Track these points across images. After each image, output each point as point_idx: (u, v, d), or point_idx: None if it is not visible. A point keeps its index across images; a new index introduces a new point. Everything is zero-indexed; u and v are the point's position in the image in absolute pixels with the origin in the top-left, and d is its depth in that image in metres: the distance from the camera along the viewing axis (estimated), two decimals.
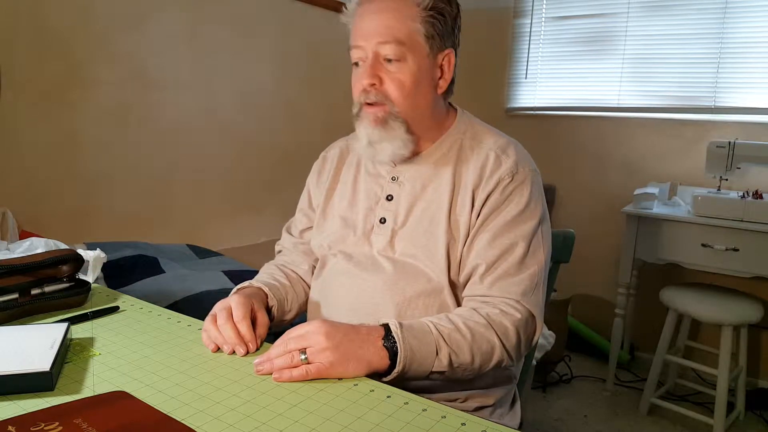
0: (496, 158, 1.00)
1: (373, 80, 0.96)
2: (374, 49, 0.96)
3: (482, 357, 0.89)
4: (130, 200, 2.03)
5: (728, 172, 2.30)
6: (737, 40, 2.57)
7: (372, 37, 0.96)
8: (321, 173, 1.17)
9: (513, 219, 0.96)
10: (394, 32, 0.94)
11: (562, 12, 3.04)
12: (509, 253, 0.95)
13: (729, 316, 2.14)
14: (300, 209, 1.20)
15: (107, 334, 0.91)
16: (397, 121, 0.97)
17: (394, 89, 0.97)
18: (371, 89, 0.97)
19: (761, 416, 2.39)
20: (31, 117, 1.73)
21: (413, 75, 0.97)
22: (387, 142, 0.99)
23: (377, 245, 1.02)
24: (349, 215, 1.08)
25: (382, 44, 0.95)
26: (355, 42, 0.98)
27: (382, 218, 1.03)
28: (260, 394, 0.72)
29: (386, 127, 0.98)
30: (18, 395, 0.70)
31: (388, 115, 0.97)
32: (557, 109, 3.10)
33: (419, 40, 0.96)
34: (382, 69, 0.97)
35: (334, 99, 2.69)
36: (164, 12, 2.05)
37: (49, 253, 1.04)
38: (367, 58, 0.97)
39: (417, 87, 0.98)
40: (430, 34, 0.97)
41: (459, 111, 1.09)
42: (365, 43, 0.97)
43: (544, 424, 2.29)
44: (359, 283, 1.02)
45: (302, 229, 1.18)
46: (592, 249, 2.94)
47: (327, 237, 1.09)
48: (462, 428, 0.66)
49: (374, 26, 0.96)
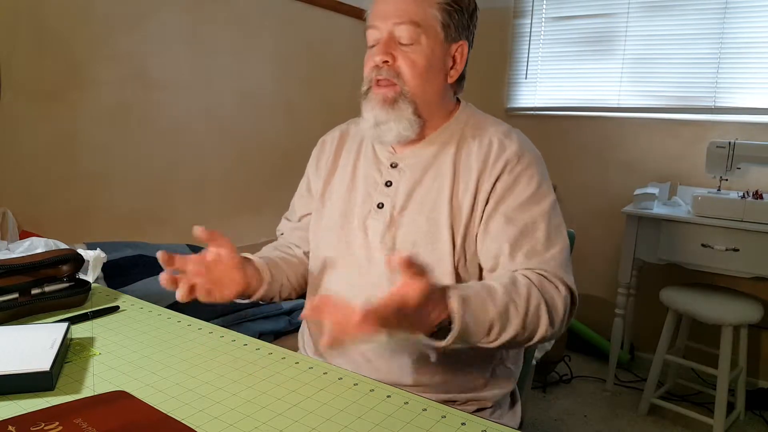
0: (500, 143, 1.00)
1: (387, 57, 0.97)
2: (390, 29, 0.97)
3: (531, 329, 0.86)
4: (130, 200, 2.03)
5: (728, 172, 2.30)
6: (737, 40, 2.57)
7: (389, 17, 0.97)
8: (320, 159, 1.17)
9: (527, 199, 0.96)
10: (411, 14, 0.96)
11: (562, 12, 3.04)
12: (532, 231, 0.94)
13: (729, 316, 2.14)
14: (299, 195, 1.20)
15: (107, 333, 0.91)
16: (405, 102, 0.98)
17: (406, 68, 0.97)
18: (384, 66, 0.98)
19: (761, 416, 2.39)
20: (31, 117, 1.73)
21: (426, 57, 0.98)
22: (393, 122, 0.99)
23: (373, 231, 1.01)
24: (347, 201, 1.07)
25: (398, 25, 0.97)
26: (372, 22, 1.00)
27: (380, 203, 1.02)
28: (260, 394, 0.72)
29: (395, 107, 0.98)
30: (18, 395, 0.70)
31: (398, 95, 0.98)
32: (557, 109, 3.10)
33: (435, 26, 0.98)
34: (396, 48, 0.98)
35: (334, 99, 2.70)
36: (164, 12, 2.05)
37: (49, 253, 1.04)
38: (382, 38, 0.98)
39: (428, 70, 0.99)
40: (446, 23, 0.98)
41: (463, 103, 1.10)
42: (382, 23, 0.98)
43: (544, 424, 2.29)
44: (356, 275, 1.01)
45: (301, 214, 1.18)
46: (592, 249, 2.94)
47: (324, 225, 1.09)
48: (462, 428, 0.66)
49: (392, 8, 0.97)
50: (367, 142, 1.11)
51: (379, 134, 1.01)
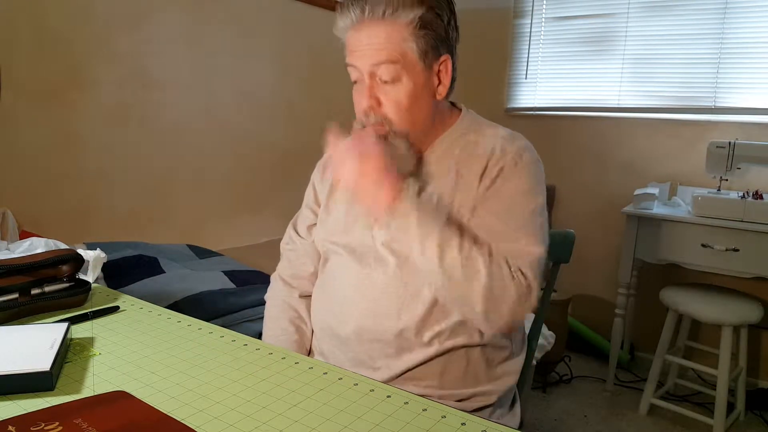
0: (501, 147, 1.00)
1: (371, 102, 0.97)
2: (369, 70, 0.96)
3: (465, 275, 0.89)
4: (131, 200, 2.03)
5: (728, 173, 2.30)
6: (737, 40, 2.57)
7: (366, 58, 0.96)
8: (326, 169, 1.18)
9: (513, 197, 0.97)
10: (387, 54, 0.94)
11: (562, 12, 3.04)
12: (514, 228, 0.95)
13: (729, 316, 2.14)
14: (306, 205, 1.21)
15: (107, 333, 0.91)
16: (397, 138, 0.98)
17: (392, 110, 0.97)
18: (370, 112, 0.98)
19: (761, 416, 2.39)
20: (31, 117, 1.73)
21: (409, 94, 0.97)
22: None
23: (380, 237, 1.02)
24: (350, 208, 1.08)
25: (376, 66, 0.95)
26: (351, 61, 0.99)
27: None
28: (260, 394, 0.72)
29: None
30: (18, 395, 0.70)
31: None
32: (557, 110, 3.10)
33: (412, 58, 0.96)
34: (379, 90, 0.97)
35: (334, 99, 2.69)
36: (164, 12, 2.05)
37: (50, 253, 1.04)
38: (363, 78, 0.97)
39: (414, 104, 0.98)
40: (423, 50, 0.96)
41: (464, 110, 1.10)
42: (360, 63, 0.97)
43: (544, 424, 2.29)
44: (362, 278, 1.02)
45: (309, 225, 1.18)
46: (592, 249, 2.94)
47: (329, 231, 1.09)
48: (462, 428, 0.66)
49: (367, 48, 0.95)
50: None
51: None
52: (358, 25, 0.96)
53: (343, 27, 0.99)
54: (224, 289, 1.64)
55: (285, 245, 1.23)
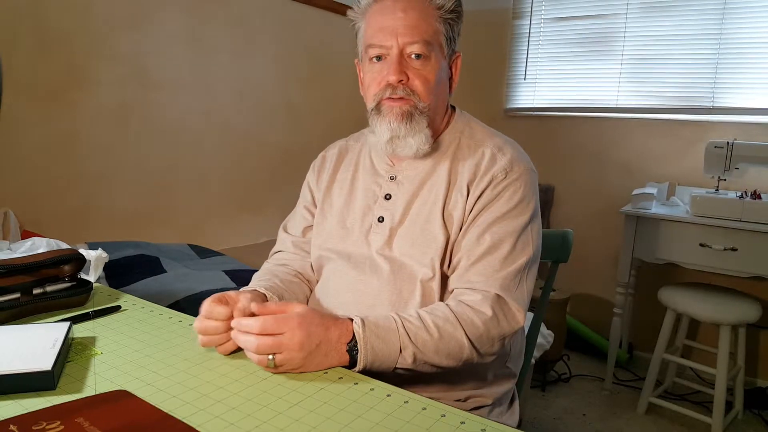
0: (491, 156, 1.01)
1: (401, 76, 0.97)
2: (401, 47, 0.97)
3: (449, 355, 0.88)
4: (132, 200, 2.04)
5: (726, 173, 2.30)
6: (736, 40, 2.57)
7: (399, 35, 0.96)
8: (321, 172, 1.18)
9: (502, 215, 0.97)
10: (422, 33, 0.96)
11: (560, 13, 3.05)
12: (495, 248, 0.95)
13: (727, 315, 2.14)
14: (301, 207, 1.19)
15: (109, 333, 0.91)
16: (422, 116, 0.99)
17: (420, 85, 0.98)
18: (399, 85, 0.98)
19: (759, 415, 2.40)
20: (31, 117, 1.73)
21: (436, 73, 0.99)
22: (411, 138, 0.99)
23: (375, 244, 1.03)
24: (346, 214, 1.08)
25: (410, 44, 0.96)
26: (378, 41, 0.98)
27: (381, 217, 1.04)
28: (261, 393, 0.73)
29: (412, 122, 0.99)
30: (20, 394, 0.70)
31: (414, 110, 0.98)
32: (556, 110, 3.11)
33: (441, 41, 0.99)
34: (408, 65, 0.98)
35: (334, 99, 2.70)
36: (164, 12, 2.05)
37: (51, 253, 1.05)
38: (391, 54, 0.98)
39: (438, 85, 1.00)
40: (449, 36, 1.00)
41: (457, 111, 1.10)
42: (390, 41, 0.97)
43: (543, 423, 2.30)
44: (357, 285, 1.02)
45: (305, 226, 1.17)
46: (590, 249, 2.95)
47: (325, 238, 1.09)
48: (461, 427, 0.66)
49: (402, 26, 0.96)
50: (365, 155, 1.12)
51: (395, 148, 1.01)
52: (388, 2, 0.98)
53: (365, 4, 1.01)
54: (225, 288, 1.64)
55: (275, 248, 1.21)
